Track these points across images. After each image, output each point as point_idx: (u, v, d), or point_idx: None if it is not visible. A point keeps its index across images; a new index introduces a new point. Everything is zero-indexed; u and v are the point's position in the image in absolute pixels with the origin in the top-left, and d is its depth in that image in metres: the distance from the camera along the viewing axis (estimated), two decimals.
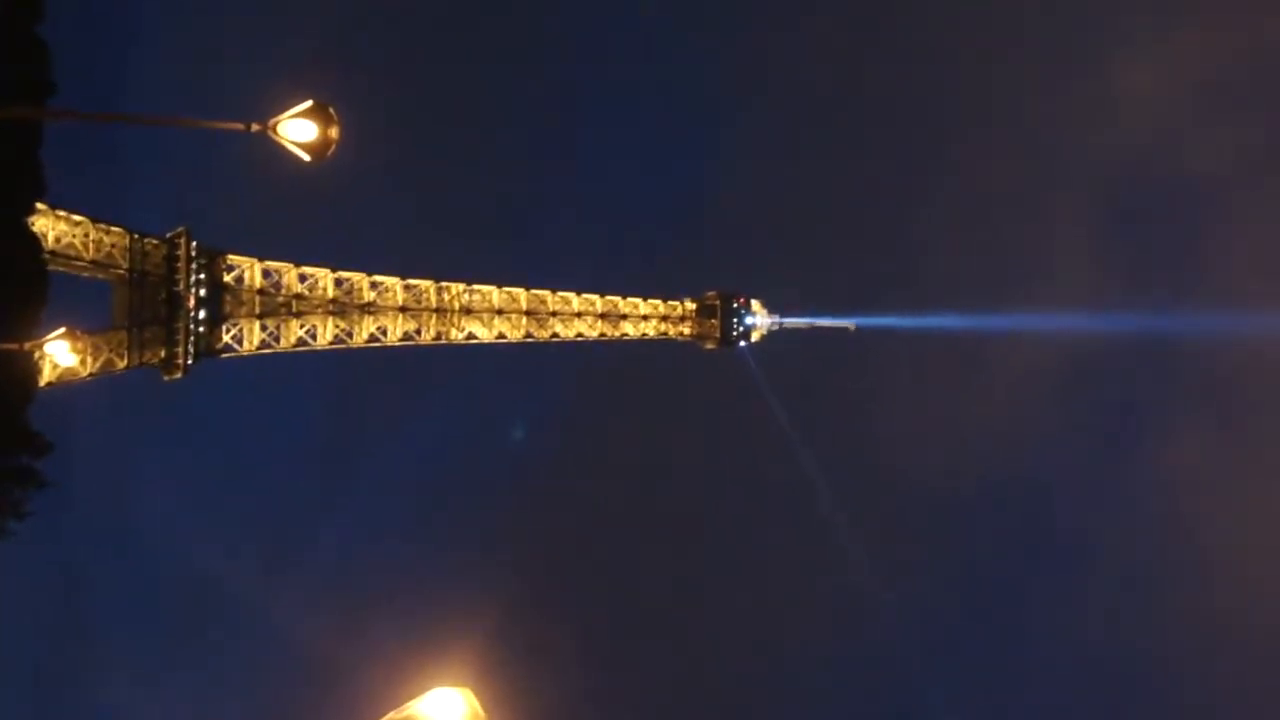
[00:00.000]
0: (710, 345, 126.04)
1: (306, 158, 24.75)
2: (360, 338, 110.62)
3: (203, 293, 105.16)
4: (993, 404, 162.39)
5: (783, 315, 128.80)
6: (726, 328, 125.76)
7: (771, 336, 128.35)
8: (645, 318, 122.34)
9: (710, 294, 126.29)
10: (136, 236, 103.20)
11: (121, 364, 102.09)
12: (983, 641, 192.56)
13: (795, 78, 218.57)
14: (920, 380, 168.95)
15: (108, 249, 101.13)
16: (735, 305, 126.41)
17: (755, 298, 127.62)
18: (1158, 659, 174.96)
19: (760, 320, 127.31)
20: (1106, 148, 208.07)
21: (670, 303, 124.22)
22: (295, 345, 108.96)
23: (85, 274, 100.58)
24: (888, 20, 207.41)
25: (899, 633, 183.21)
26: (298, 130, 24.52)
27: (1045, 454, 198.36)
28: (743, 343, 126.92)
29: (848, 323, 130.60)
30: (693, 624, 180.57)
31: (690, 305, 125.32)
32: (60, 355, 52.75)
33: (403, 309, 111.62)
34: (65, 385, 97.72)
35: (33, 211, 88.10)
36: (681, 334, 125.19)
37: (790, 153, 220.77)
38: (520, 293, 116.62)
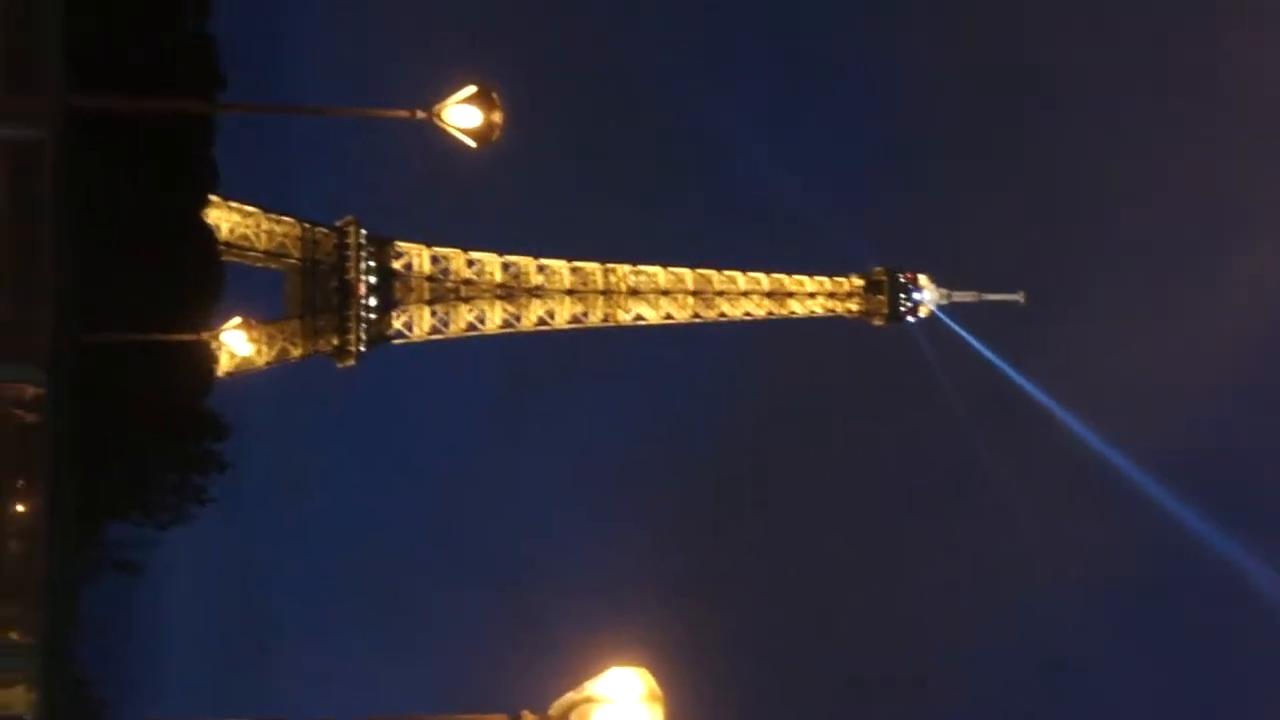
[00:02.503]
0: (878, 321, 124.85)
1: (472, 143, 24.72)
2: (528, 321, 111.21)
3: (373, 280, 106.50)
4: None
5: (951, 289, 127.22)
6: (894, 303, 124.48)
7: (940, 310, 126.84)
8: (812, 295, 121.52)
9: (877, 269, 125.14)
10: (307, 226, 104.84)
11: (296, 352, 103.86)
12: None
13: (959, 51, 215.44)
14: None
15: (279, 239, 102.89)
16: (902, 280, 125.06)
17: (922, 273, 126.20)
18: None
19: (928, 295, 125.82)
20: None
21: (837, 279, 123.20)
22: (465, 330, 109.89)
23: (258, 264, 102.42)
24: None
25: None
26: (462, 116, 24.51)
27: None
28: (911, 318, 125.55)
29: (1016, 295, 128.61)
30: (866, 608, 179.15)
31: (857, 281, 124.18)
32: (237, 345, 53.56)
33: (570, 292, 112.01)
34: (242, 374, 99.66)
35: (207, 204, 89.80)
36: (849, 310, 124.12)
37: (959, 127, 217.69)
38: (686, 273, 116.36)
